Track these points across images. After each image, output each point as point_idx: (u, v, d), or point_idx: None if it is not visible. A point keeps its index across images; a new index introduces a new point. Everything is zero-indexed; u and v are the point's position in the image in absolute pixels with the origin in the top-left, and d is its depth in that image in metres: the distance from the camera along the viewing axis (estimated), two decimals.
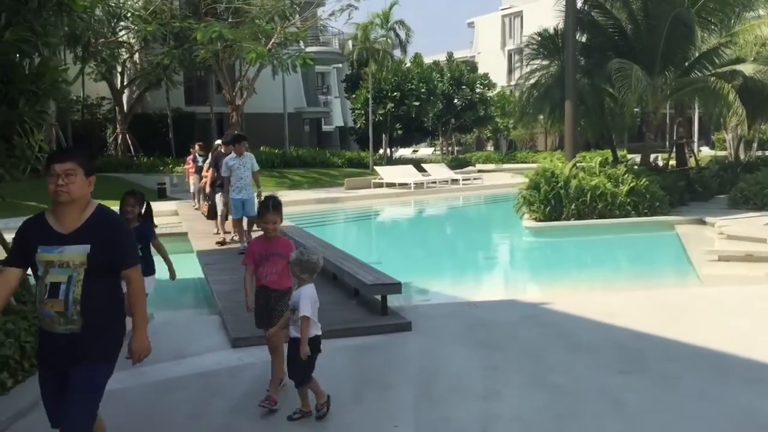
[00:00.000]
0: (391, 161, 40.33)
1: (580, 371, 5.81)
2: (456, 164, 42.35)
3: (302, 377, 4.79)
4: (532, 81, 20.35)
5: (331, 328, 7.04)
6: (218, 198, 12.47)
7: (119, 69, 33.40)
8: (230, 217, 12.09)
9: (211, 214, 13.10)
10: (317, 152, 38.39)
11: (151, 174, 28.78)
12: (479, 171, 39.89)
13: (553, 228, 16.19)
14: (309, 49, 44.17)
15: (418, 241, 18.16)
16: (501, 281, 12.10)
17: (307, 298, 4.66)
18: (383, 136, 41.40)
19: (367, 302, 7.82)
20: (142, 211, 6.41)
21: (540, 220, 16.48)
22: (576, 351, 6.38)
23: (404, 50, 44.02)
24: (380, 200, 26.01)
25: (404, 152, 62.81)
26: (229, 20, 29.85)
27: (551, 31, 20.38)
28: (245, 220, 11.44)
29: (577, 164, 17.37)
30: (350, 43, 39.06)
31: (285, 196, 26.84)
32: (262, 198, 9.83)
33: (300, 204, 24.11)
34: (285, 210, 19.43)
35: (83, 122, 37.27)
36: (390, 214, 24.29)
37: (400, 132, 41.37)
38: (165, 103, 35.34)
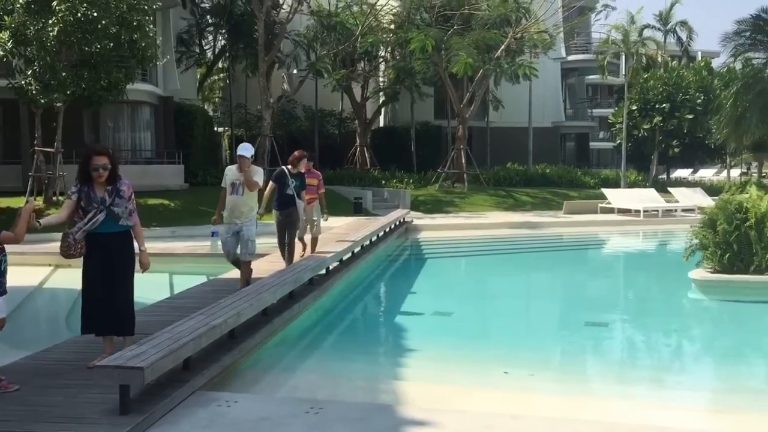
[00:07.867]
0: (657, 183, 34.86)
1: None
2: (739, 189, 35.18)
3: None
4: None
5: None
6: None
7: (360, 83, 33.59)
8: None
9: None
10: (566, 170, 34.65)
11: (371, 187, 28.11)
12: None
13: (732, 283, 11.55)
14: (572, 57, 40.60)
15: (531, 290, 14.09)
16: (550, 368, 8.33)
17: None
18: (655, 154, 36.09)
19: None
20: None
21: (716, 271, 11.92)
22: None
23: (686, 55, 38.19)
24: (583, 229, 21.71)
25: (704, 174, 54.85)
26: (455, 27, 27.99)
27: None
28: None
29: None
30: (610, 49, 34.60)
31: (480, 217, 24.12)
32: None
33: (485, 228, 21.22)
34: (464, 233, 20.32)
35: (339, 135, 38.43)
36: (561, 248, 19.81)
37: (676, 150, 35.75)
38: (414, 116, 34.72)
